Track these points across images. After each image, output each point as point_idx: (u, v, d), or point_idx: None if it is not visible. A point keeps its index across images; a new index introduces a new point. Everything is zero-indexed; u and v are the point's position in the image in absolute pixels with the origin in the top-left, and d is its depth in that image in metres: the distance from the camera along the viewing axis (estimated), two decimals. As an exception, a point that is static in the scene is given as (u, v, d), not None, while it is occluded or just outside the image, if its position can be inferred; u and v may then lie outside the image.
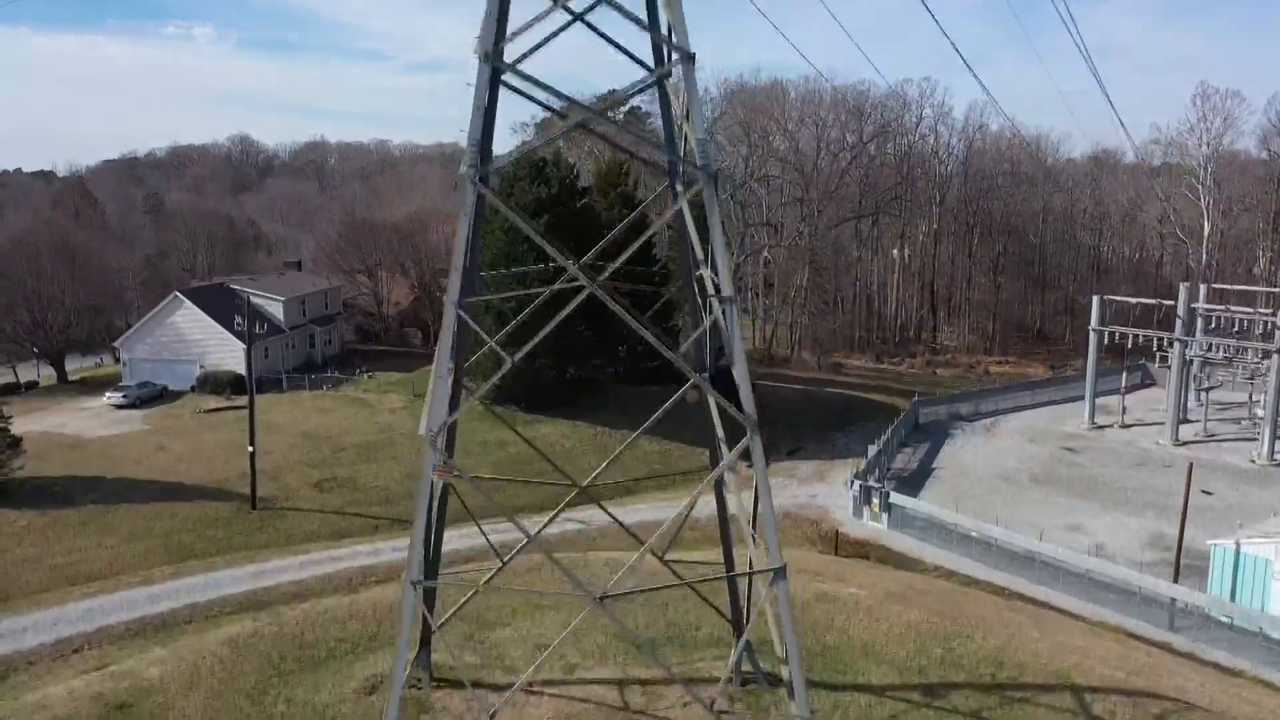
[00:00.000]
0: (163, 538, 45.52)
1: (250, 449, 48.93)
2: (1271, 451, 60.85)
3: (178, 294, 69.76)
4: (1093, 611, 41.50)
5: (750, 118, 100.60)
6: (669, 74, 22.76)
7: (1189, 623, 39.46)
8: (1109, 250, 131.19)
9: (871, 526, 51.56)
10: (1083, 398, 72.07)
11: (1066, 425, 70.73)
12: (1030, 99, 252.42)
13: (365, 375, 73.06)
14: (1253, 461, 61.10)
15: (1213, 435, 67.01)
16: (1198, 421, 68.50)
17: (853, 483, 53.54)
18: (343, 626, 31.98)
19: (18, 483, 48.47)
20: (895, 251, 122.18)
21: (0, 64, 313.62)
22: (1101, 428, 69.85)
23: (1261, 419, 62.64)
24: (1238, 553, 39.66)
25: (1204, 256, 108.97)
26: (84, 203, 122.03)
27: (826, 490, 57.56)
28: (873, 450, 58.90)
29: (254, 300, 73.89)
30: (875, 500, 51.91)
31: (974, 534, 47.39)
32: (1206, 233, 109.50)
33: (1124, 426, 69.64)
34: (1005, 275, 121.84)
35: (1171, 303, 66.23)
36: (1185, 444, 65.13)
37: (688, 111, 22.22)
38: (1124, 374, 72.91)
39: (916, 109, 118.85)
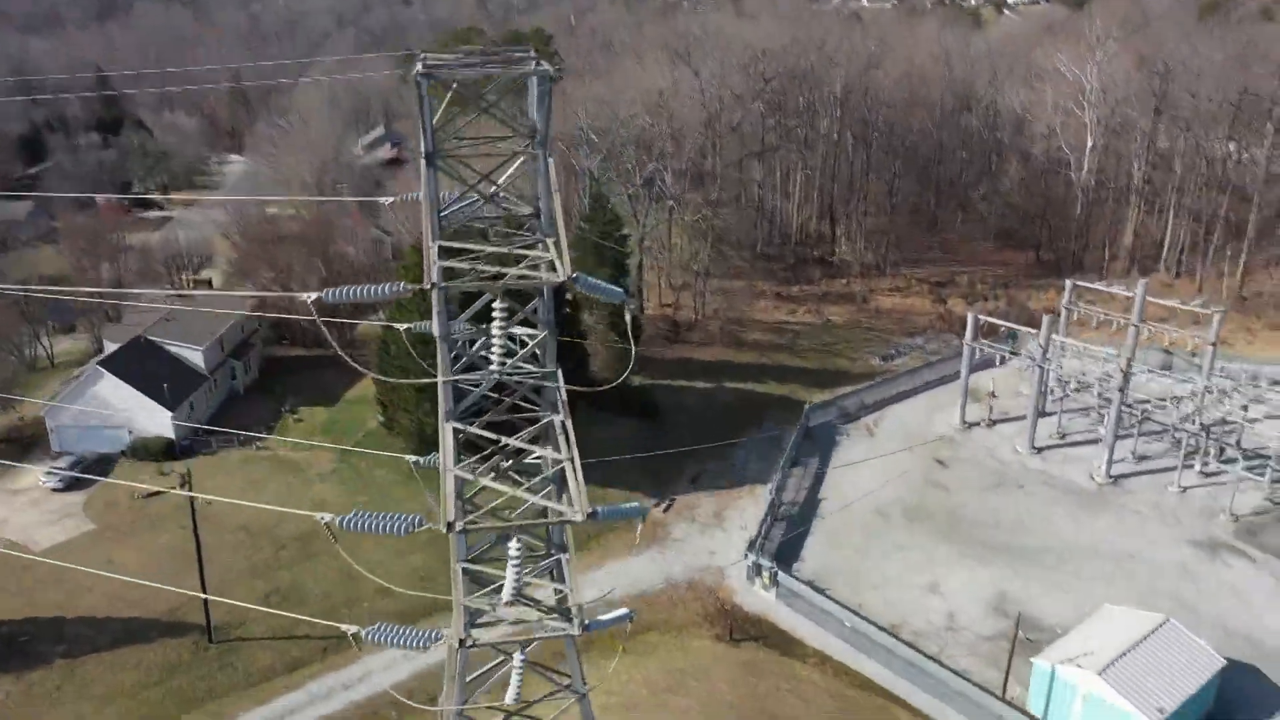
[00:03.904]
0: (133, 698, 50.98)
1: (203, 596, 53.67)
2: (1109, 469, 69.52)
3: (98, 366, 71.12)
4: (937, 710, 50.42)
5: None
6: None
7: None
8: (1005, 139, 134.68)
9: (763, 598, 59.24)
10: (957, 376, 79.40)
11: (939, 424, 78.29)
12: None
13: (290, 416, 76.43)
14: (1093, 479, 69.80)
15: (1066, 436, 75.36)
16: (1055, 414, 76.59)
17: (746, 555, 60.75)
18: None
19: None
20: (794, 171, 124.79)
21: None
22: (971, 426, 77.62)
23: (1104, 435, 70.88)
24: (1053, 674, 48.29)
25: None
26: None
27: (723, 542, 64.63)
28: (766, 497, 66.18)
29: (174, 353, 75.84)
30: (764, 574, 59.40)
31: (845, 623, 55.35)
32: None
33: (991, 424, 77.52)
34: (901, 178, 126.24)
35: (1034, 331, 72.61)
36: (1040, 450, 73.47)
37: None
38: (992, 383, 79.56)
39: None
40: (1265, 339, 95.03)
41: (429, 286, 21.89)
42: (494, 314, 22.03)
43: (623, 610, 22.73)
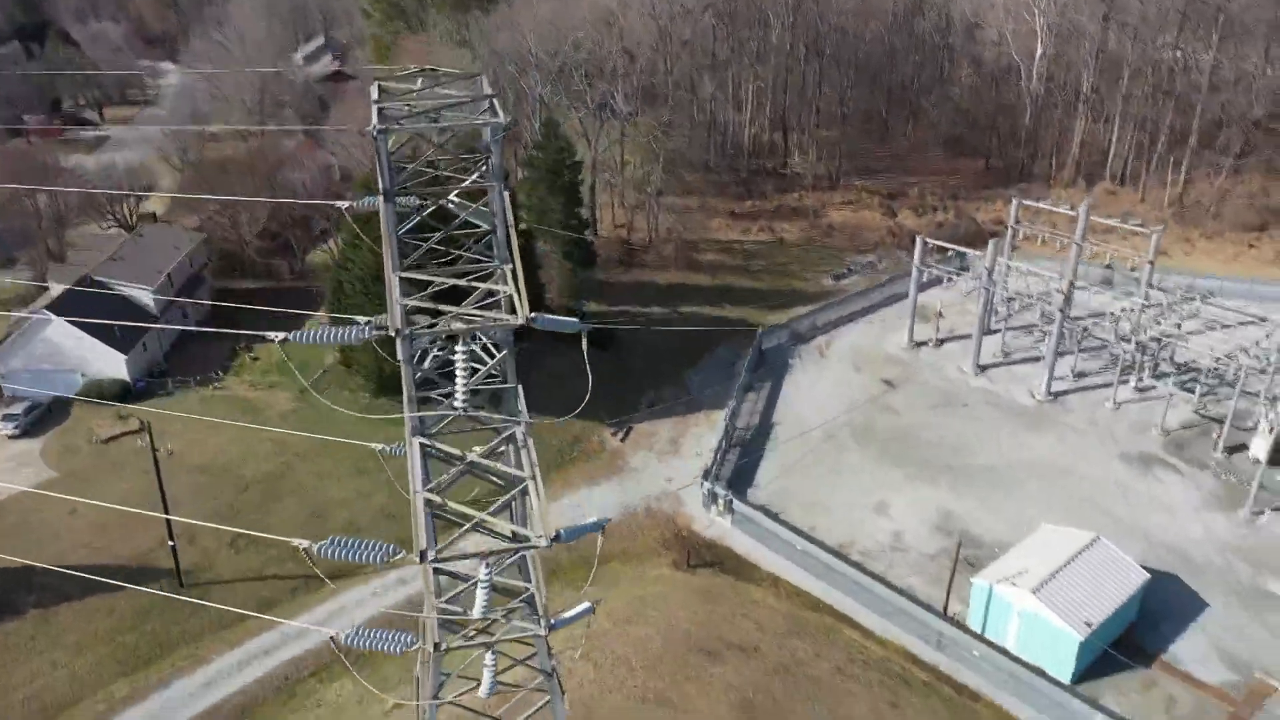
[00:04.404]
0: (109, 644, 52.31)
1: (171, 544, 54.69)
2: (1049, 388, 72.13)
3: (45, 311, 70.01)
4: (883, 627, 53.41)
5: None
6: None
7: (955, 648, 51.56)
8: (957, 44, 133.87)
9: (719, 524, 61.53)
10: (906, 296, 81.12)
11: (888, 345, 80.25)
12: None
13: (246, 355, 76.21)
14: (1033, 397, 72.45)
15: (1009, 355, 77.74)
16: (1000, 332, 78.81)
17: (702, 483, 62.76)
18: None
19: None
20: (747, 82, 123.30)
21: None
22: (919, 346, 79.67)
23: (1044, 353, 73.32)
24: (991, 592, 51.26)
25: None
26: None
27: (680, 469, 66.54)
28: (721, 424, 68.10)
29: (123, 293, 74.87)
30: (720, 502, 61.57)
31: (797, 546, 57.86)
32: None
33: (938, 344, 79.62)
34: (853, 88, 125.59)
35: (980, 254, 74.10)
36: (985, 370, 75.86)
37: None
38: (940, 304, 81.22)
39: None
40: (1203, 249, 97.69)
41: (394, 334, 22.35)
42: (457, 356, 22.57)
43: (585, 605, 23.97)
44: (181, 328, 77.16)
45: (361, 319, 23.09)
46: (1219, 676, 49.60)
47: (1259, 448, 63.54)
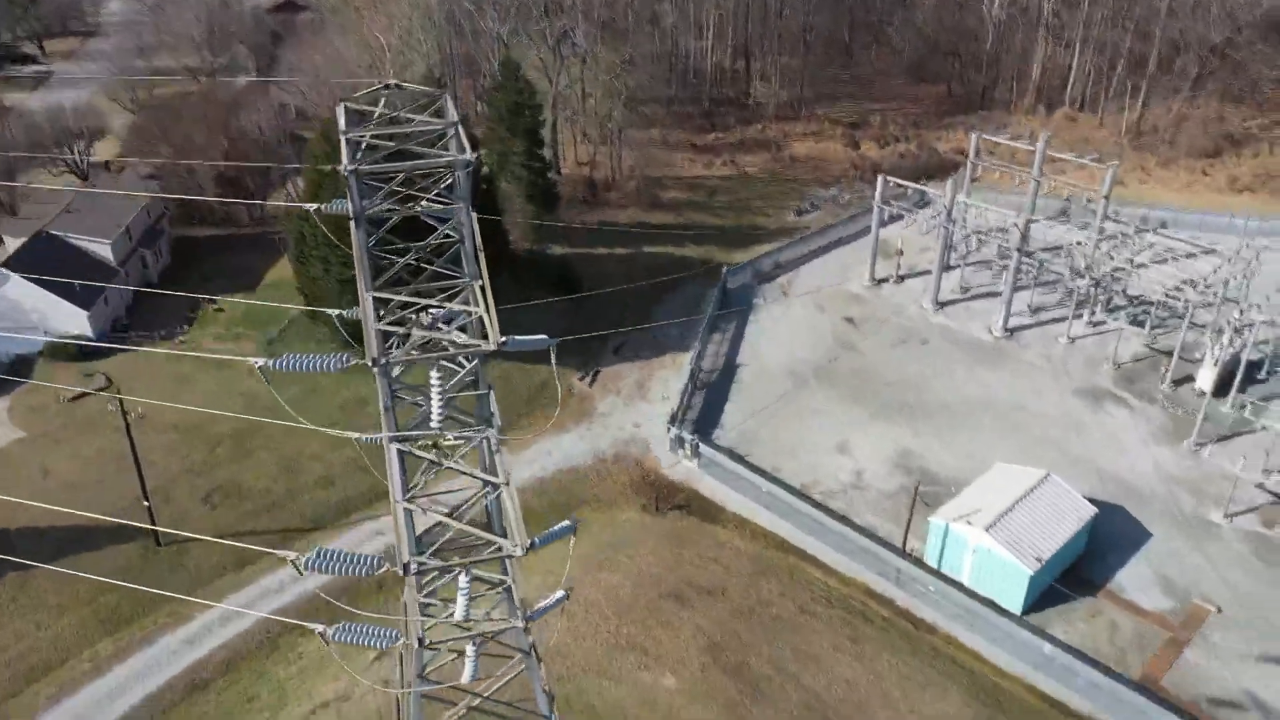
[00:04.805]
0: (90, 604, 53.24)
1: (146, 505, 55.42)
2: (1006, 323, 73.85)
3: (1, 269, 68.99)
4: (845, 564, 55.62)
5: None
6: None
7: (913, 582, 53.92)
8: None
9: (686, 466, 63.12)
10: (868, 232, 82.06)
11: (851, 283, 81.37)
12: None
13: (211, 307, 75.84)
14: (990, 333, 74.16)
15: (968, 291, 79.20)
16: (959, 267, 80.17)
17: (669, 428, 64.12)
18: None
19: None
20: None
21: None
22: (880, 282, 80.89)
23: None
24: (946, 530, 53.46)
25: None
26: None
27: (648, 413, 67.81)
28: (687, 367, 69.37)
29: (81, 247, 73.91)
30: (686, 446, 63.07)
31: (762, 488, 59.66)
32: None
33: (899, 280, 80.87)
34: (816, 13, 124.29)
35: (939, 193, 74.83)
36: (944, 306, 77.35)
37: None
38: (900, 240, 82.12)
39: None
40: (1158, 177, 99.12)
41: (370, 363, 22.82)
42: (431, 380, 23.12)
43: (559, 593, 25.05)
44: (138, 288, 76.36)
45: (338, 354, 23.71)
46: (1159, 603, 52.43)
47: (1204, 380, 65.76)
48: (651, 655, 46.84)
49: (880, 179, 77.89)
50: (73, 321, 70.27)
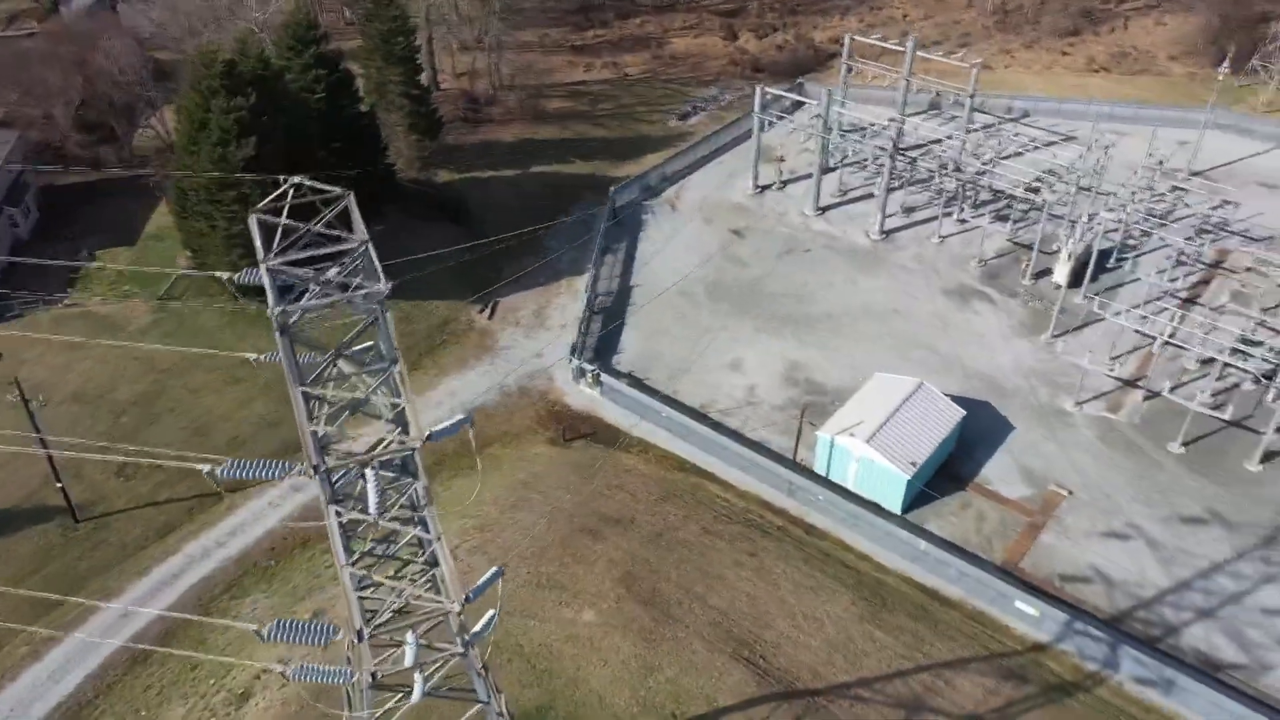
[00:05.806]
0: (15, 587, 54.22)
1: (59, 485, 55.93)
2: (882, 226, 77.64)
3: None
4: (741, 481, 60.09)
5: None
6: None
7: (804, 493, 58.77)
8: None
9: (589, 395, 66.15)
10: (750, 137, 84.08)
11: (735, 192, 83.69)
12: None
13: (88, 260, 73.90)
14: (868, 236, 77.94)
15: (847, 193, 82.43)
16: (837, 169, 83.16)
17: (570, 359, 66.70)
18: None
19: None
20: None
21: None
22: (763, 190, 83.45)
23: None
24: (832, 443, 58.15)
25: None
26: None
27: (548, 342, 70.10)
28: (582, 294, 71.49)
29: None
30: (588, 376, 65.95)
31: (661, 412, 63.25)
32: None
33: (782, 186, 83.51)
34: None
35: (815, 102, 76.77)
36: (824, 211, 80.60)
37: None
38: (780, 147, 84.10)
39: None
40: (1022, 59, 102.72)
41: (311, 472, 24.36)
42: (366, 477, 24.93)
43: (494, 569, 27.86)
44: (10, 257, 73.88)
45: (281, 462, 25.38)
46: (1020, 492, 58.58)
47: (1060, 273, 71.11)
48: (570, 591, 50.81)
49: (758, 90, 79.44)
50: (-56, 293, 68.18)
